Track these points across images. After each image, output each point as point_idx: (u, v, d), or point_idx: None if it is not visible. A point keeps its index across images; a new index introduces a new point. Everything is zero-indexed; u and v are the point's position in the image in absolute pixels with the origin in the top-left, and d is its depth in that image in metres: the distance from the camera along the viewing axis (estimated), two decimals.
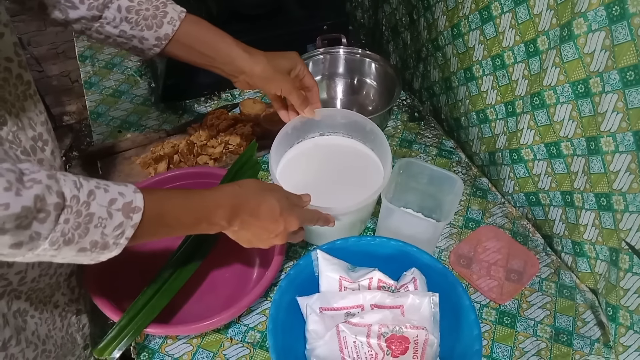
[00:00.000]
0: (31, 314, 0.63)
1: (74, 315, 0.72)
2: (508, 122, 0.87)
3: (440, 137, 1.03)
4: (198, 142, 0.93)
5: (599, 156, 0.69)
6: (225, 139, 0.94)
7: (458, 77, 0.96)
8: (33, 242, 0.43)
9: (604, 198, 0.70)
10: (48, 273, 0.64)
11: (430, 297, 0.65)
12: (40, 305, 0.65)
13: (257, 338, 0.72)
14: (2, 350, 0.58)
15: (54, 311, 0.68)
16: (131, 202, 0.48)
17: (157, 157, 0.91)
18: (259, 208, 0.61)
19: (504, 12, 0.80)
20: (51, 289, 0.67)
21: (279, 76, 0.74)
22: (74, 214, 0.44)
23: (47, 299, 0.66)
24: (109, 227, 0.47)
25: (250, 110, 0.99)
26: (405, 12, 1.11)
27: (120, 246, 0.49)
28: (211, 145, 0.93)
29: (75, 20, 0.66)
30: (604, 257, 0.74)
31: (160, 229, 0.54)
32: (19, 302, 0.61)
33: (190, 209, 0.56)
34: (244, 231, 0.62)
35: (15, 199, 0.40)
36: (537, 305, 0.77)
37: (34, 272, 0.61)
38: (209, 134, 0.94)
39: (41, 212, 0.42)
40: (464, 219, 0.88)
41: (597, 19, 0.63)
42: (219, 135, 0.95)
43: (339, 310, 0.67)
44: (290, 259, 0.81)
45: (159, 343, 0.71)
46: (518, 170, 0.87)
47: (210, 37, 0.71)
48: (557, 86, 0.73)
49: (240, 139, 0.93)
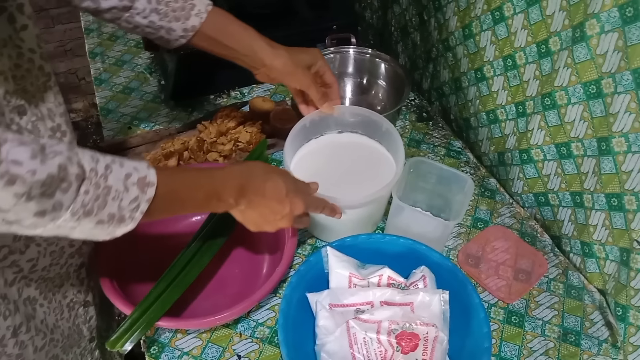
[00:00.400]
0: (40, 303, 0.64)
1: (81, 307, 0.73)
2: (518, 122, 0.88)
3: (448, 137, 1.03)
4: (208, 139, 0.94)
5: (611, 157, 0.69)
6: (234, 137, 0.94)
7: (468, 78, 0.96)
8: (55, 212, 0.43)
9: (615, 198, 0.70)
10: (59, 263, 0.65)
11: (441, 295, 0.65)
12: (49, 294, 0.66)
13: (266, 333, 0.72)
14: (13, 336, 0.59)
15: (62, 301, 0.69)
16: (145, 177, 0.49)
17: (167, 153, 0.91)
18: (265, 187, 0.61)
19: (517, 13, 0.81)
20: (61, 279, 0.67)
21: (300, 70, 0.75)
22: (93, 186, 0.45)
23: (57, 289, 0.67)
24: (125, 200, 0.47)
25: (259, 108, 1.00)
26: (415, 12, 1.11)
27: (135, 220, 0.49)
28: (221, 143, 0.94)
29: (106, 10, 0.67)
30: (614, 257, 0.74)
31: (173, 205, 0.55)
32: (29, 289, 0.62)
33: (201, 185, 0.57)
34: (251, 211, 0.62)
35: (41, 166, 0.41)
36: (545, 305, 0.77)
37: (45, 261, 0.62)
38: (219, 131, 0.94)
39: (64, 181, 0.43)
40: (473, 219, 0.88)
41: (610, 20, 0.63)
42: (228, 132, 0.95)
43: (348, 307, 0.67)
44: (300, 256, 0.81)
45: (168, 337, 0.71)
46: (527, 171, 0.87)
47: (234, 29, 0.73)
48: (568, 87, 0.73)
49: (250, 137, 0.94)
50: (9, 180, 0.39)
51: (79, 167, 0.44)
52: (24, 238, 0.58)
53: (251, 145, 0.94)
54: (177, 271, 0.69)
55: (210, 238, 0.74)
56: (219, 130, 0.94)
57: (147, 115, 1.04)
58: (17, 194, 0.40)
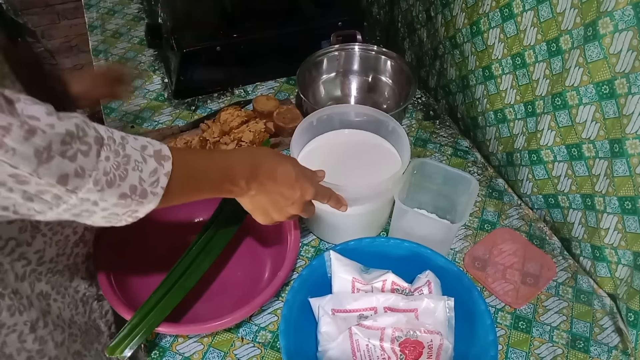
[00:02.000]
0: (54, 298, 0.64)
1: (95, 301, 0.73)
2: (527, 122, 0.85)
3: (455, 136, 1.01)
4: (211, 139, 0.92)
5: (624, 159, 0.67)
6: (238, 136, 0.93)
7: (476, 76, 0.94)
8: (78, 179, 0.41)
9: (629, 201, 0.68)
10: (65, 252, 0.65)
11: (446, 302, 0.64)
12: (61, 289, 0.66)
13: (268, 338, 0.71)
14: (32, 331, 0.60)
15: (75, 296, 0.69)
16: (160, 150, 0.48)
17: None
18: (276, 170, 0.60)
19: (526, 10, 0.78)
20: (70, 273, 0.67)
21: None
22: (112, 153, 0.44)
23: (68, 283, 0.67)
24: (145, 171, 0.46)
25: (263, 107, 0.98)
26: (422, 8, 1.09)
27: (157, 196, 0.48)
28: (224, 142, 0.92)
29: None
30: (626, 261, 0.72)
31: (190, 183, 0.53)
32: (40, 284, 0.62)
33: (214, 163, 0.57)
34: (261, 196, 0.61)
35: (59, 122, 0.40)
36: (553, 310, 0.75)
37: (51, 251, 0.62)
38: (222, 130, 0.93)
39: (83, 143, 0.42)
40: (479, 221, 0.86)
41: (625, 18, 0.61)
42: (231, 132, 0.94)
43: (351, 313, 0.66)
44: (304, 258, 0.80)
45: (169, 341, 0.70)
46: (537, 172, 0.85)
47: None
48: (580, 87, 0.71)
49: (253, 136, 0.93)
50: (29, 131, 0.38)
51: (96, 131, 0.43)
52: (29, 229, 0.58)
53: (254, 144, 0.93)
54: (178, 276, 0.68)
55: (212, 241, 0.73)
56: (222, 129, 0.93)
57: (150, 113, 1.03)
58: (37, 149, 0.38)
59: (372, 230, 0.82)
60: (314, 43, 1.04)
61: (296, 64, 0.99)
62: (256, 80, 1.10)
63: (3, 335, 0.58)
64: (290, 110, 0.98)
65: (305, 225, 0.85)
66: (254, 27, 1.04)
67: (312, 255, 0.81)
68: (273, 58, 1.07)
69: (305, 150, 0.81)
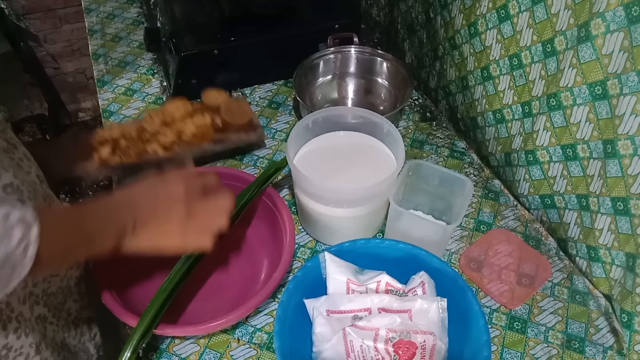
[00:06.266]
0: (50, 321, 0.65)
1: (85, 324, 0.73)
2: (524, 122, 0.86)
3: (452, 137, 1.01)
4: (150, 129, 0.86)
5: (616, 159, 0.67)
6: (179, 128, 0.86)
7: (475, 76, 0.95)
8: None
9: (621, 202, 0.68)
10: (59, 274, 0.65)
11: (439, 302, 0.64)
12: (56, 312, 0.66)
13: (264, 339, 0.72)
14: (37, 353, 0.60)
15: (68, 318, 0.69)
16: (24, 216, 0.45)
17: (101, 140, 0.83)
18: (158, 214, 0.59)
19: (522, 11, 0.79)
20: (63, 295, 0.68)
21: None
22: None
23: (61, 306, 0.68)
24: (13, 241, 0.43)
25: (212, 100, 0.92)
26: (421, 10, 1.09)
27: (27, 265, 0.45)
28: (163, 134, 0.86)
29: None
30: (619, 262, 0.72)
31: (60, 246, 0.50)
32: (38, 307, 0.62)
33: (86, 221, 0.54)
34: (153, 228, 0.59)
35: None
36: (548, 311, 0.75)
37: None
38: (164, 121, 0.86)
39: None
40: (475, 222, 0.87)
41: (616, 19, 0.61)
42: (174, 123, 0.87)
43: (346, 314, 0.66)
44: (300, 260, 0.81)
45: (166, 342, 0.71)
46: (533, 172, 0.85)
47: None
48: (574, 87, 0.71)
49: (196, 129, 0.86)
50: None
51: None
52: None
53: (196, 138, 0.87)
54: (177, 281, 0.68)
55: None
56: (163, 120, 0.87)
57: None
58: None
59: (368, 232, 0.83)
60: (311, 46, 1.04)
61: (294, 67, 0.99)
62: (254, 83, 1.10)
63: (11, 358, 0.58)
64: (240, 106, 0.93)
65: (301, 227, 0.85)
66: (252, 31, 1.04)
67: (308, 257, 0.81)
68: (271, 61, 1.08)
69: (301, 153, 0.82)
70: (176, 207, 0.60)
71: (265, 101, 1.08)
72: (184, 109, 0.88)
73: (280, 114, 1.05)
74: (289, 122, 1.03)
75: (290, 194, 0.90)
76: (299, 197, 0.79)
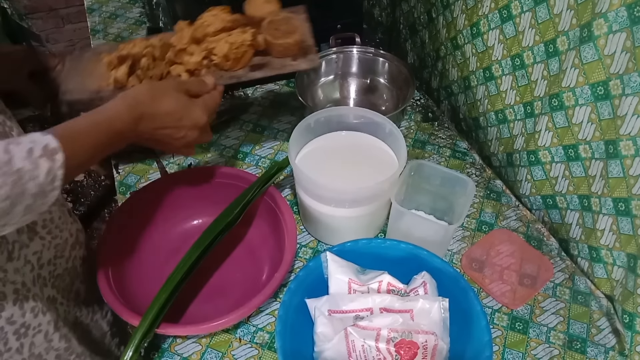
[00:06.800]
0: (60, 302, 0.67)
1: (95, 303, 0.75)
2: (526, 123, 0.86)
3: (454, 137, 1.01)
4: (178, 45, 0.71)
5: (618, 160, 0.67)
6: (209, 47, 0.71)
7: (477, 77, 0.95)
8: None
9: (622, 203, 0.68)
10: (64, 255, 0.67)
11: (440, 302, 0.64)
12: (65, 293, 0.68)
13: (265, 339, 0.72)
14: (56, 330, 0.63)
15: (77, 299, 0.71)
16: (47, 145, 0.47)
17: (120, 56, 0.72)
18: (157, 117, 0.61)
19: (524, 12, 0.79)
20: (70, 277, 0.69)
21: None
22: (2, 176, 0.43)
23: (69, 287, 0.69)
24: (41, 176, 0.46)
25: (256, 11, 0.74)
26: (423, 10, 1.09)
27: (57, 189, 0.49)
28: (190, 52, 0.72)
29: None
30: (621, 263, 0.72)
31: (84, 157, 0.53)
32: (47, 289, 0.64)
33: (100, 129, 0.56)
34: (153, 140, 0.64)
35: None
36: (550, 311, 0.75)
37: (49, 254, 0.64)
38: (193, 37, 0.72)
39: None
40: (477, 222, 0.87)
41: (618, 19, 0.61)
42: (205, 39, 0.71)
43: (347, 313, 0.66)
44: (302, 260, 0.81)
45: (168, 342, 0.71)
46: (535, 173, 0.85)
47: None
48: (576, 88, 0.71)
49: (229, 49, 0.70)
50: None
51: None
52: (26, 230, 0.60)
53: (229, 61, 0.71)
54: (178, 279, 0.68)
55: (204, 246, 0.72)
56: (194, 35, 0.72)
57: None
58: None
59: (370, 232, 0.83)
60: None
61: None
62: (256, 82, 1.11)
63: (30, 336, 0.60)
64: (289, 21, 0.74)
65: (303, 227, 0.85)
66: None
67: (310, 257, 0.82)
68: None
69: (303, 152, 0.82)
70: (190, 133, 0.64)
71: (267, 101, 1.08)
72: (221, 21, 0.72)
73: (282, 113, 1.05)
74: (291, 122, 1.03)
75: (292, 193, 0.90)
76: (301, 197, 0.79)
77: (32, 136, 0.47)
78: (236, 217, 0.74)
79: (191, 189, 0.81)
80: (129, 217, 0.77)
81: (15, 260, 0.58)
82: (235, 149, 0.98)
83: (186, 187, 0.81)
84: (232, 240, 0.78)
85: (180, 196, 0.81)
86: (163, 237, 0.80)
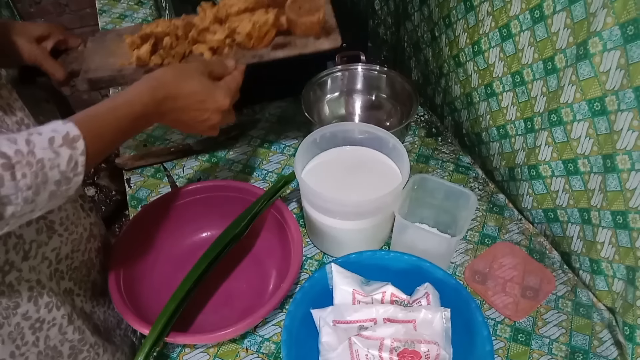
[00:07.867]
0: (77, 293, 0.69)
1: None
2: (527, 138, 0.88)
3: (457, 152, 1.03)
4: (201, 24, 0.72)
5: (615, 174, 0.69)
6: (233, 26, 0.71)
7: (479, 93, 0.97)
8: (5, 207, 0.44)
9: (620, 216, 0.69)
10: (80, 249, 0.69)
11: (442, 312, 0.65)
12: (82, 284, 0.71)
13: (272, 349, 0.73)
14: (70, 323, 0.65)
15: (94, 289, 0.74)
16: (67, 133, 0.49)
17: (143, 35, 0.72)
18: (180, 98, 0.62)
19: (523, 30, 0.81)
20: (87, 268, 0.72)
21: None
22: (26, 166, 0.45)
23: (86, 278, 0.72)
24: (62, 164, 0.48)
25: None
26: (427, 29, 1.12)
27: (80, 174, 0.50)
28: (212, 31, 0.72)
29: None
30: (621, 275, 0.73)
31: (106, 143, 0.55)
32: (64, 282, 0.67)
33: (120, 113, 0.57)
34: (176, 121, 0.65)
35: None
36: (552, 323, 0.76)
37: (66, 249, 0.66)
38: (216, 17, 0.73)
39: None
40: (480, 235, 0.88)
41: (612, 38, 0.64)
42: (228, 19, 0.72)
43: (352, 324, 0.68)
44: (307, 271, 0.83)
45: (177, 351, 0.73)
46: (536, 187, 0.87)
47: None
48: (573, 104, 0.73)
49: (252, 28, 0.70)
50: None
51: (1, 156, 0.43)
52: (45, 229, 0.62)
53: (252, 40, 0.72)
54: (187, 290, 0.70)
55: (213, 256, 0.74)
56: (216, 15, 0.73)
57: (162, 132, 1.07)
58: None
59: (375, 244, 0.84)
60: (319, 64, 1.08)
61: (303, 84, 1.02)
62: (264, 100, 1.14)
63: (45, 329, 0.63)
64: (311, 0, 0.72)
65: (309, 240, 0.87)
66: None
67: (315, 269, 0.83)
68: (280, 78, 1.11)
69: (309, 167, 0.84)
70: (214, 116, 0.65)
71: (274, 117, 1.11)
72: (244, 2, 0.73)
73: (289, 129, 1.08)
74: (298, 137, 1.06)
75: (298, 207, 0.92)
76: (307, 210, 0.81)
77: (54, 125, 0.49)
78: (244, 229, 0.76)
79: (200, 202, 0.84)
80: (140, 229, 0.80)
81: (32, 259, 0.60)
82: (244, 163, 1.01)
83: (195, 200, 0.84)
84: (239, 252, 0.80)
85: (190, 209, 0.84)
86: (173, 248, 0.82)
